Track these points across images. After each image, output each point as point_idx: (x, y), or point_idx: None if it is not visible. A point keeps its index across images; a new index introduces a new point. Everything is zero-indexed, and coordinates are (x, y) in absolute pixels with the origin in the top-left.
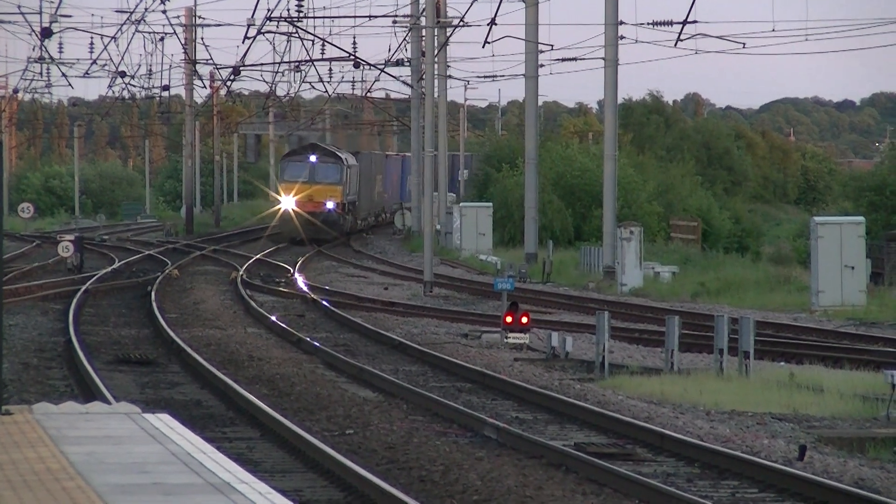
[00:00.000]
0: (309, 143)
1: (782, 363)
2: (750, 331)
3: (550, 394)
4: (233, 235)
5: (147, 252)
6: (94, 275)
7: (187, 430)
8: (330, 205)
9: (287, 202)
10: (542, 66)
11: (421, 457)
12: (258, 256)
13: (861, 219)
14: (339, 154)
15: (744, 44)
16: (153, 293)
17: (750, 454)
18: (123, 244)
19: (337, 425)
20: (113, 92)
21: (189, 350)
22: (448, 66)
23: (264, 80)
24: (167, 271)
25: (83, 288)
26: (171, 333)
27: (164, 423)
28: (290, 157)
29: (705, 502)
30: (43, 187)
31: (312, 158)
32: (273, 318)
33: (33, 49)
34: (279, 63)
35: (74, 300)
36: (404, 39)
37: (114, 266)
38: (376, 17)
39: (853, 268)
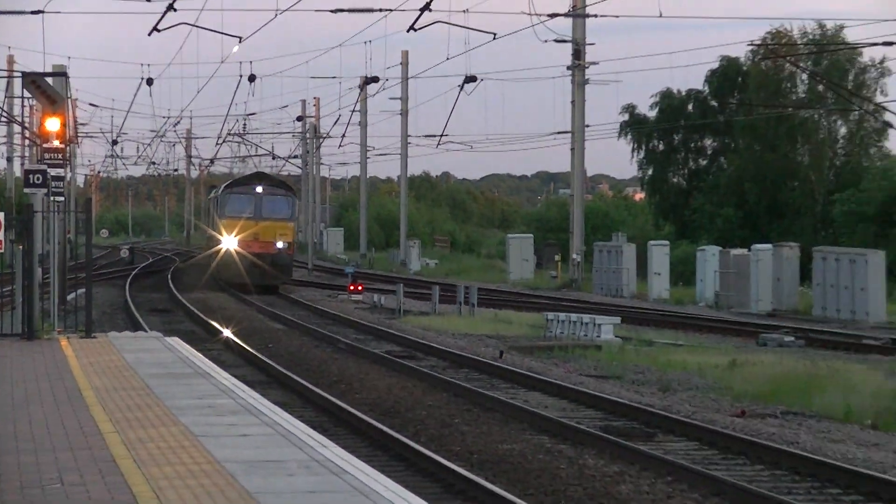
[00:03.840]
0: (254, 171)
1: (492, 309)
2: (474, 292)
3: (373, 325)
4: None
5: (166, 254)
6: (139, 266)
7: (186, 345)
8: (280, 244)
9: (229, 242)
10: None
11: (308, 358)
12: None
13: (530, 235)
14: (289, 185)
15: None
16: (169, 275)
17: (475, 355)
18: (154, 250)
19: (263, 341)
20: (148, 171)
21: (188, 304)
22: (320, 159)
23: (228, 166)
24: (176, 265)
25: (133, 273)
26: (179, 296)
27: (175, 342)
28: (233, 189)
29: (447, 377)
30: (115, 221)
31: (259, 189)
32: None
33: (108, 150)
34: (236, 157)
35: (129, 279)
36: (297, 145)
37: (149, 261)
38: (285, 132)
39: (527, 260)
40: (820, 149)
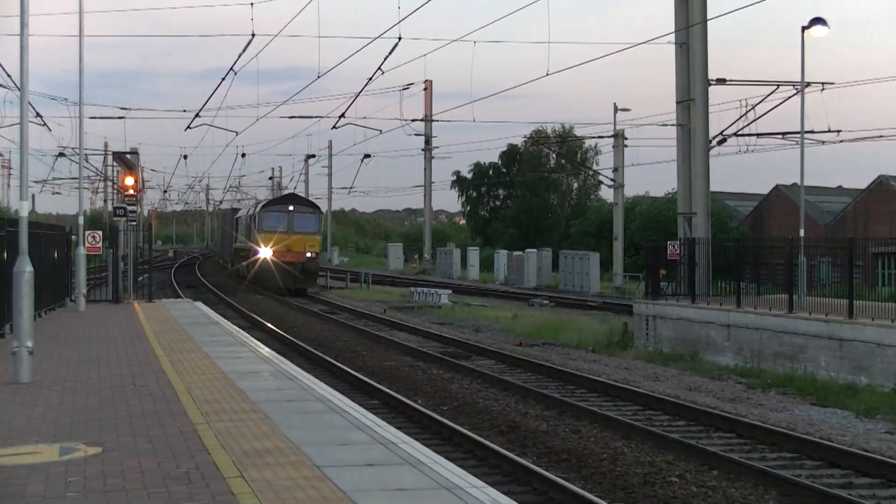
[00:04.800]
0: (287, 193)
1: (379, 285)
2: (370, 276)
3: (311, 295)
4: None
5: (194, 255)
6: (178, 261)
7: (206, 307)
8: (309, 254)
9: (265, 252)
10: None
11: (274, 313)
12: None
13: (401, 244)
14: (316, 204)
15: (367, 193)
16: (196, 266)
17: (369, 311)
18: (188, 253)
19: (249, 304)
20: (184, 208)
21: (208, 284)
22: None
23: (230, 205)
24: (199, 261)
25: (175, 265)
26: (202, 279)
27: (200, 305)
28: (269, 207)
29: (353, 324)
30: (165, 236)
31: (291, 208)
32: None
33: (161, 196)
34: (234, 200)
35: (173, 269)
36: (269, 194)
37: (184, 258)
38: (262, 186)
39: (399, 258)
40: (563, 196)
